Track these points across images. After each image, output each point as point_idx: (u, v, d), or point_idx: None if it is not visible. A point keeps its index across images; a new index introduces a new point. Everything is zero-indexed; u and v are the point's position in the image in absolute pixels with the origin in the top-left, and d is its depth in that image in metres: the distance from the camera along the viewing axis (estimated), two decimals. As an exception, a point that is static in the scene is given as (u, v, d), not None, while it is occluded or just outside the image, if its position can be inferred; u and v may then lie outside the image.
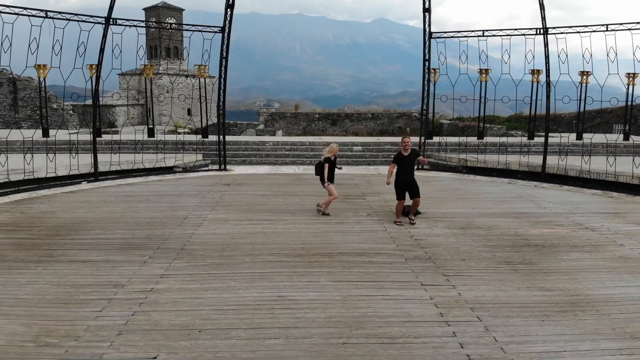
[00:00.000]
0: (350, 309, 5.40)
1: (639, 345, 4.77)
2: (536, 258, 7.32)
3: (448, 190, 12.66)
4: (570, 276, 6.62)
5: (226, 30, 13.95)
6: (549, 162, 14.23)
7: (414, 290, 5.96)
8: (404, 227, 8.99)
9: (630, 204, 11.42)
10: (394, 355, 4.46)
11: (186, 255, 7.26)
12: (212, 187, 12.87)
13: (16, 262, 7.01)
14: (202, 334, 4.85)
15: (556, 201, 11.48)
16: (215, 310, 5.37)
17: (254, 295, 5.78)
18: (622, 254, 7.66)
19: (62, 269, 6.73)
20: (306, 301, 5.62)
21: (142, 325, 5.05)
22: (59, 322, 5.14)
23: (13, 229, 8.84)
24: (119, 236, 8.29)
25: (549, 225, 9.21)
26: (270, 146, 18.20)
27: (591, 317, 5.37)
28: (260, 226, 8.99)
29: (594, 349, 4.70)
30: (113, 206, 10.58)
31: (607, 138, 16.58)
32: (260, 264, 6.89)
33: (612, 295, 6.01)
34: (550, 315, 5.40)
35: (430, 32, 14.54)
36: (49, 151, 13.38)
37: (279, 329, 4.94)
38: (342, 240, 8.09)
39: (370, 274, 6.50)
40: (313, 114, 44.88)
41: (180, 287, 6.04)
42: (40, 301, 5.69)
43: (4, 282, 6.29)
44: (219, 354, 4.47)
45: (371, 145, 18.33)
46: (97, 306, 5.51)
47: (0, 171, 11.62)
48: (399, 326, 5.01)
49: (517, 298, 5.81)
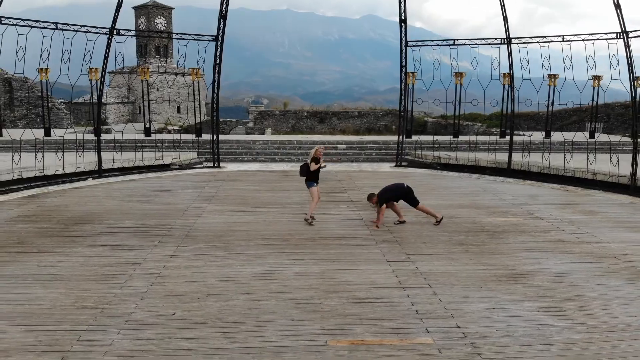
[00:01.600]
0: (328, 279, 6.70)
1: (554, 305, 6.12)
2: (486, 241, 8.68)
3: (421, 185, 13.99)
4: (512, 255, 7.98)
5: (219, 39, 15.19)
6: (516, 159, 15.65)
7: (380, 265, 7.29)
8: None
9: (581, 197, 12.86)
10: (359, 311, 5.77)
11: (190, 240, 8.52)
12: (207, 183, 14.12)
13: (44, 247, 8.21)
14: (209, 298, 6.12)
15: (516, 194, 12.89)
16: (219, 281, 6.64)
17: (249, 270, 7.07)
18: (561, 238, 9.05)
19: (85, 252, 7.94)
20: (292, 274, 6.92)
21: (160, 292, 6.31)
22: (91, 291, 6.38)
23: (34, 220, 10.01)
24: (130, 225, 9.51)
25: (504, 215, 10.60)
26: (260, 145, 19.46)
27: (521, 285, 6.72)
28: (253, 216, 10.27)
29: (517, 307, 6.04)
30: (120, 200, 11.78)
31: (572, 137, 18.04)
32: (254, 246, 8.18)
33: (543, 270, 7.37)
34: (487, 283, 6.75)
35: (406, 41, 15.88)
36: (54, 150, 14.48)
37: (270, 293, 6.24)
38: (324, 227, 9.39)
39: (345, 253, 7.82)
40: (301, 112, 45.83)
41: (187, 265, 7.30)
42: (72, 276, 6.91)
43: (38, 262, 7.50)
44: (223, 311, 5.75)
45: (354, 144, 19.69)
46: (120, 279, 6.75)
47: (15, 169, 12.72)
48: (365, 291, 6.33)
49: (463, 271, 7.16)
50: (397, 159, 17.50)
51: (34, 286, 6.55)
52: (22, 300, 6.10)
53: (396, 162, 17.48)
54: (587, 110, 35.33)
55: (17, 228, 9.42)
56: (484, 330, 5.34)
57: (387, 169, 16.99)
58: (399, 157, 17.46)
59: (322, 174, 11.06)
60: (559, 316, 5.77)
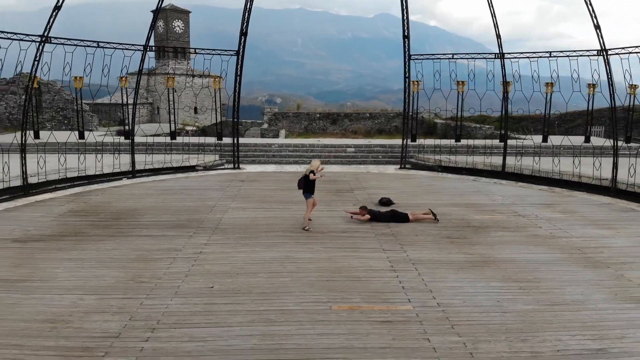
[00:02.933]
0: (333, 263, 8.27)
1: (515, 285, 7.58)
2: (470, 235, 10.17)
3: (421, 186, 15.48)
4: (490, 246, 9.46)
5: (240, 53, 16.81)
6: (511, 163, 17.05)
7: (377, 253, 8.84)
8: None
9: (565, 198, 14.24)
10: (358, 286, 7.32)
11: (220, 231, 10.13)
12: (230, 183, 15.75)
13: (98, 236, 9.87)
14: (239, 275, 7.72)
15: (506, 195, 14.32)
16: (246, 263, 8.24)
17: (270, 255, 8.65)
18: (536, 233, 10.49)
19: (133, 241, 9.59)
20: (305, 258, 8.50)
21: (199, 271, 7.92)
22: (144, 270, 8.01)
23: (84, 215, 11.71)
24: (167, 219, 11.16)
25: (490, 213, 12.06)
26: (275, 148, 21.07)
27: (492, 270, 8.21)
28: (272, 212, 11.86)
29: (485, 286, 7.53)
30: (155, 198, 13.46)
31: (563, 140, 19.32)
32: (274, 237, 9.77)
33: (514, 258, 8.85)
34: (464, 268, 8.25)
35: (409, 54, 17.37)
36: (85, 151, 16.20)
37: (287, 272, 7.81)
38: (332, 222, 10.95)
39: (349, 243, 9.38)
40: (314, 113, 47.21)
41: (220, 251, 8.91)
42: (127, 259, 8.55)
43: (96, 248, 9.16)
44: (250, 285, 7.34)
45: (362, 147, 21.20)
46: (166, 262, 8.37)
47: (60, 169, 14.47)
48: (363, 272, 7.88)
49: (446, 258, 8.67)
50: (401, 161, 19.00)
51: (97, 267, 8.20)
52: (90, 277, 7.75)
53: (400, 165, 18.97)
54: (592, 113, 36.48)
55: (72, 221, 11.11)
56: (454, 302, 6.85)
57: (392, 171, 18.49)
58: (403, 160, 18.96)
59: (332, 175, 12.63)
60: (517, 293, 7.25)
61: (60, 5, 12.51)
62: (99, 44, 14.13)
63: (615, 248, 9.51)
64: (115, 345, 5.61)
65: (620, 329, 6.18)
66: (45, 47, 13.21)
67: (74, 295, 6.98)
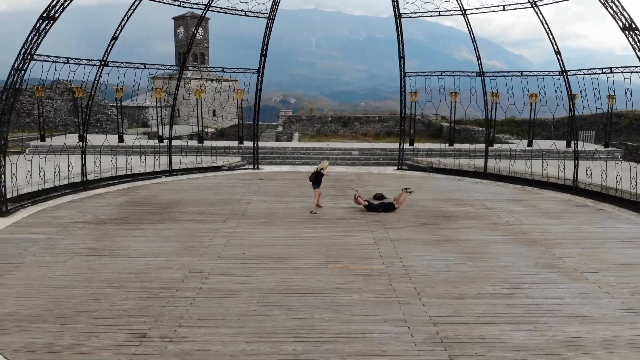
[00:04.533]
0: (332, 240, 11.14)
1: (463, 255, 10.34)
2: (441, 222, 12.95)
3: (414, 184, 18.21)
4: (455, 230, 12.23)
5: (260, 72, 19.76)
6: (496, 165, 19.72)
7: (366, 233, 11.69)
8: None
9: (532, 195, 16.92)
10: (349, 254, 10.18)
11: (246, 218, 13.06)
12: (251, 180, 18.70)
13: (152, 221, 12.84)
14: (262, 247, 10.62)
15: (482, 192, 17.04)
16: (267, 239, 11.15)
17: (285, 234, 11.55)
18: (495, 221, 13.23)
19: (181, 224, 12.55)
20: (311, 237, 11.38)
21: (234, 244, 10.83)
22: (193, 243, 10.94)
23: (137, 205, 14.71)
24: (204, 209, 14.12)
25: (464, 206, 14.83)
26: (289, 150, 23.98)
27: (450, 246, 10.99)
28: (286, 204, 14.76)
29: (440, 256, 10.32)
30: (191, 192, 16.44)
31: (556, 145, 21.91)
32: (288, 222, 12.66)
33: (470, 238, 11.61)
34: (429, 244, 11.05)
35: (405, 72, 20.18)
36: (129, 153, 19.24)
37: (297, 246, 10.71)
38: (333, 212, 13.82)
39: (345, 227, 12.24)
40: (326, 117, 49.96)
41: (247, 231, 11.83)
42: (179, 236, 11.49)
43: (153, 229, 12.12)
44: (271, 253, 10.24)
45: (366, 150, 24.03)
46: (208, 238, 11.30)
47: (107, 169, 17.52)
48: (354, 246, 10.74)
49: (416, 238, 11.48)
50: (398, 163, 21.79)
51: (158, 241, 11.15)
52: (155, 247, 10.71)
53: (398, 166, 21.76)
54: (587, 118, 38.76)
55: (128, 209, 14.13)
56: (414, 264, 9.67)
57: (390, 172, 21.30)
58: (400, 162, 21.75)
59: (337, 175, 15.45)
60: (463, 260, 10.04)
61: (117, 36, 15.54)
62: (145, 66, 17.18)
63: (554, 233, 12.23)
64: (182, 286, 8.53)
65: (530, 283, 8.94)
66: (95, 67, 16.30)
67: (147, 258, 9.93)
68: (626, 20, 12.74)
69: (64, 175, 16.26)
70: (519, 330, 7.06)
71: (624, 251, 10.78)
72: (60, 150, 16.48)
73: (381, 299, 8.04)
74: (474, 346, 6.58)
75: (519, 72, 17.91)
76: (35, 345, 6.48)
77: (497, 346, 6.60)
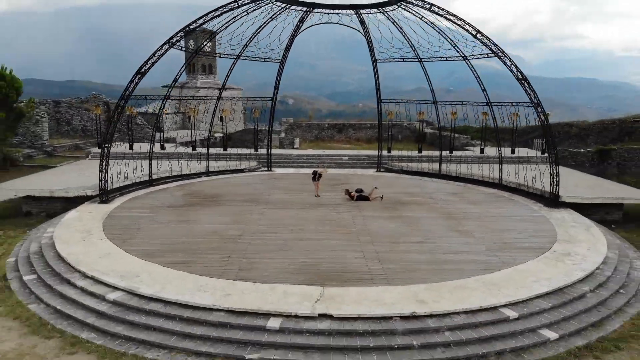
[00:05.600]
0: (326, 217, 18.01)
1: (404, 223, 17.17)
2: (397, 207, 19.76)
3: (387, 182, 24.98)
4: (404, 212, 19.04)
5: (274, 99, 26.52)
6: (450, 167, 26.46)
7: (347, 213, 18.55)
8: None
9: (469, 190, 23.69)
10: (335, 223, 17.01)
11: (269, 204, 19.87)
12: (267, 180, 25.48)
13: (208, 206, 19.62)
14: (282, 219, 17.45)
15: (432, 188, 23.83)
16: (284, 216, 18.00)
17: (296, 213, 18.41)
18: (433, 206, 20.03)
19: (227, 207, 19.34)
20: (312, 214, 18.26)
21: (265, 218, 17.67)
22: (239, 218, 17.76)
23: (193, 195, 21.49)
24: (239, 198, 20.92)
25: (415, 197, 21.63)
26: (294, 156, 30.73)
27: (398, 219, 17.81)
28: (295, 195, 21.54)
29: (391, 224, 17.14)
30: (227, 188, 23.22)
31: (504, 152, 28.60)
32: (297, 206, 19.50)
33: (411, 216, 18.42)
34: (386, 219, 17.88)
35: (381, 99, 27.01)
36: (167, 158, 25.97)
37: (304, 220, 17.56)
38: (327, 200, 20.64)
39: (335, 209, 19.10)
40: (323, 124, 56.47)
41: (272, 211, 18.67)
42: (227, 214, 18.29)
43: (210, 209, 18.92)
44: (287, 222, 17.06)
45: (354, 156, 30.82)
46: (248, 215, 18.12)
47: (162, 171, 24.30)
48: (339, 220, 17.59)
49: (379, 215, 18.31)
50: (377, 166, 28.59)
51: (217, 216, 17.94)
52: (216, 219, 17.50)
53: (377, 169, 28.56)
54: (516, 131, 45.24)
55: (188, 198, 20.90)
56: (373, 228, 16.49)
57: (371, 173, 28.09)
58: (379, 165, 28.54)
59: (330, 175, 22.16)
60: (403, 226, 16.86)
61: (144, 71, 22.29)
62: (170, 97, 23.95)
63: (469, 213, 19.02)
64: (241, 237, 15.32)
65: (437, 237, 15.75)
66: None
67: (214, 225, 16.73)
68: (518, 72, 19.53)
69: (130, 176, 23.00)
70: (421, 255, 13.90)
71: (505, 223, 17.60)
72: (116, 156, 23.21)
73: (351, 244, 14.86)
74: (394, 261, 13.39)
75: (460, 102, 24.67)
76: (174, 261, 13.23)
77: (407, 260, 13.44)
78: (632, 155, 32.31)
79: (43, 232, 16.48)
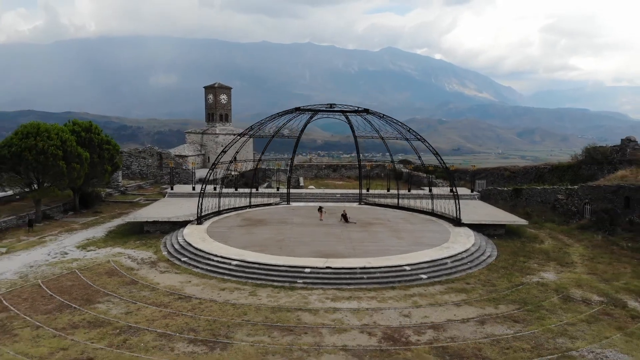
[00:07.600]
0: (327, 230, 33.02)
1: (368, 234, 32.15)
2: (367, 226, 34.81)
3: (363, 211, 39.73)
4: (370, 228, 34.04)
5: (292, 159, 41.47)
6: (408, 202, 41.33)
7: (338, 229, 33.55)
8: (342, 222, 36.38)
9: (413, 216, 38.64)
10: (330, 235, 31.97)
11: (294, 224, 34.86)
12: (289, 210, 40.38)
13: (259, 226, 34.59)
14: (303, 232, 32.42)
15: (391, 215, 38.78)
16: (304, 231, 32.97)
17: (310, 229, 33.44)
18: (389, 226, 35.11)
19: (270, 226, 34.33)
20: (319, 230, 33.32)
21: (293, 231, 32.61)
22: (278, 231, 32.70)
23: (247, 220, 36.43)
24: (276, 221, 35.90)
25: (378, 220, 36.64)
26: (304, 194, 45.66)
27: (367, 232, 32.87)
28: (308, 219, 36.45)
29: (363, 234, 32.17)
30: (266, 215, 38.14)
31: (444, 190, 43.64)
32: (308, 224, 34.51)
33: (376, 230, 33.42)
34: (359, 232, 32.88)
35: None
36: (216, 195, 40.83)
37: (313, 225, 32.56)
38: (327, 222, 35.61)
39: (330, 227, 34.14)
40: (321, 164, 71.33)
41: (297, 228, 33.67)
42: (272, 229, 33.25)
43: (261, 228, 33.88)
44: (305, 235, 32.00)
45: (344, 194, 45.86)
46: (283, 229, 33.02)
47: (214, 206, 39.23)
48: (333, 233, 32.56)
49: (355, 229, 33.37)
50: (359, 201, 43.57)
51: (267, 230, 32.91)
52: (267, 234, 32.44)
53: (359, 203, 43.53)
54: (490, 171, 60.29)
55: (246, 222, 35.84)
56: (353, 236, 31.48)
57: (355, 206, 43.01)
58: (360, 200, 43.53)
59: (329, 207, 37.20)
60: (368, 234, 31.86)
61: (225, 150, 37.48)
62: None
63: (407, 228, 34.00)
64: (284, 239, 30.29)
65: (385, 240, 30.79)
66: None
67: (268, 234, 31.74)
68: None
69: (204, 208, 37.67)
70: (374, 247, 28.94)
71: (424, 233, 32.63)
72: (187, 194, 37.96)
73: (340, 243, 29.85)
74: (361, 249, 28.36)
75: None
76: (255, 250, 28.08)
77: (367, 249, 28.48)
78: (534, 193, 47.42)
79: (173, 239, 31.23)
